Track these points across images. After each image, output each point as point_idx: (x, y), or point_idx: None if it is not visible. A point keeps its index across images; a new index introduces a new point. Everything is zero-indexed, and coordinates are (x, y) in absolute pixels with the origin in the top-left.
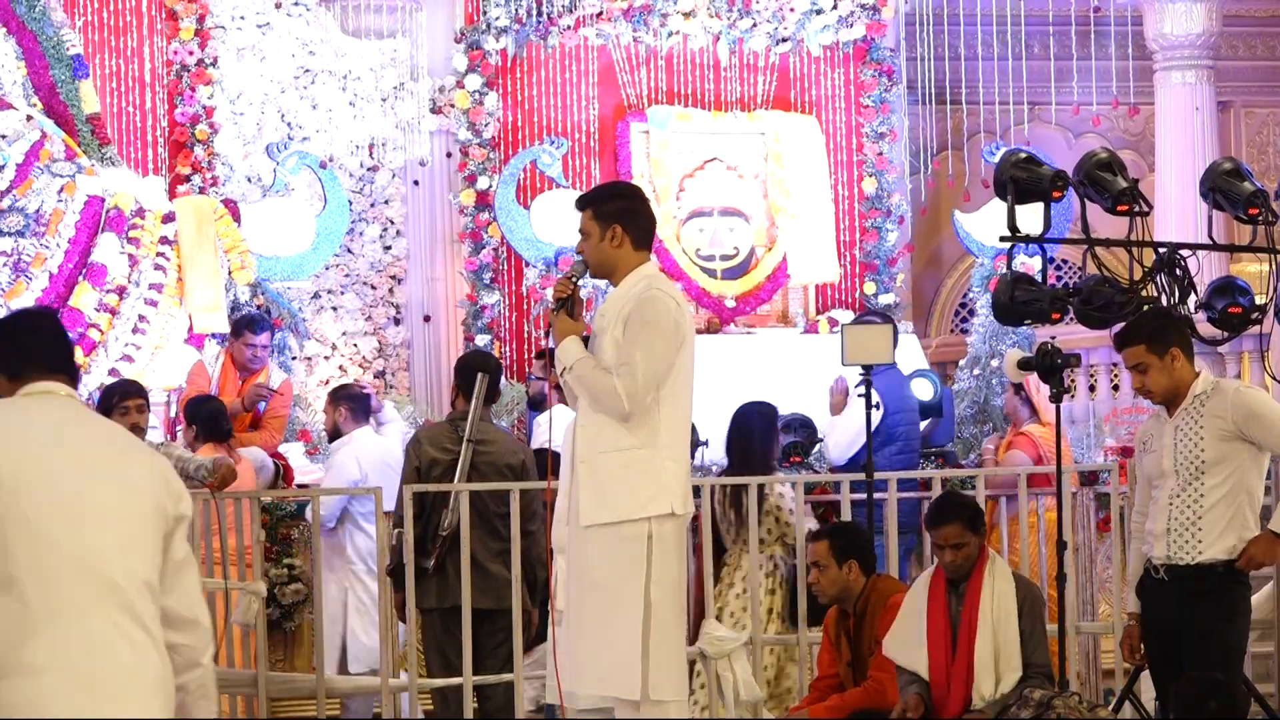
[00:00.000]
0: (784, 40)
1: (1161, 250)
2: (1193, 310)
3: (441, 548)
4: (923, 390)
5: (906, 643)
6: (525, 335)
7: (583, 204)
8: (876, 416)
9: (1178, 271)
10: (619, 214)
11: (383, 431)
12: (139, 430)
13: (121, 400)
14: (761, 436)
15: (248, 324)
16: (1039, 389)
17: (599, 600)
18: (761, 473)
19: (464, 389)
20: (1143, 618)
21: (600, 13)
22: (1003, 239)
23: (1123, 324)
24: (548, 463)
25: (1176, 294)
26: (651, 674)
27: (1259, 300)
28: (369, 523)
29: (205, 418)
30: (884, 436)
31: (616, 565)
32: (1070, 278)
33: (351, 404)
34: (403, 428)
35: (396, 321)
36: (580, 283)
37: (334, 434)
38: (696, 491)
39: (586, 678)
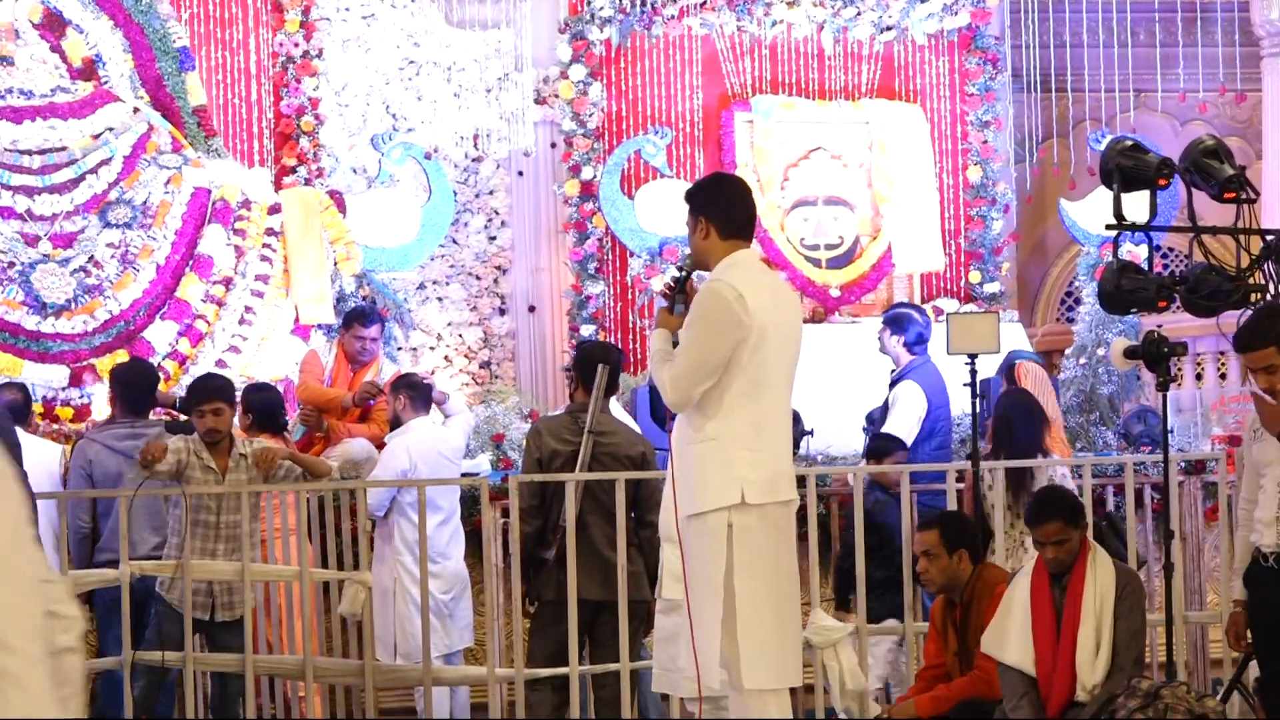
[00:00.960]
0: (888, 29)
1: (1269, 238)
2: None
3: (561, 539)
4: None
5: (1006, 637)
6: (630, 325)
7: (685, 198)
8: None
9: None
10: (704, 206)
11: (448, 424)
12: (215, 433)
13: (198, 404)
14: (1021, 423)
15: (358, 317)
16: (1028, 378)
17: (693, 591)
18: (1025, 459)
19: (584, 380)
20: (1251, 605)
21: (704, 2)
22: (1109, 227)
23: (1243, 327)
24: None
25: None
26: (743, 664)
27: None
28: (416, 512)
29: (261, 408)
30: (924, 432)
31: (701, 556)
32: (1177, 266)
33: (411, 393)
34: (469, 419)
35: (502, 312)
36: (694, 275)
37: (395, 423)
38: (801, 482)
39: (698, 666)
